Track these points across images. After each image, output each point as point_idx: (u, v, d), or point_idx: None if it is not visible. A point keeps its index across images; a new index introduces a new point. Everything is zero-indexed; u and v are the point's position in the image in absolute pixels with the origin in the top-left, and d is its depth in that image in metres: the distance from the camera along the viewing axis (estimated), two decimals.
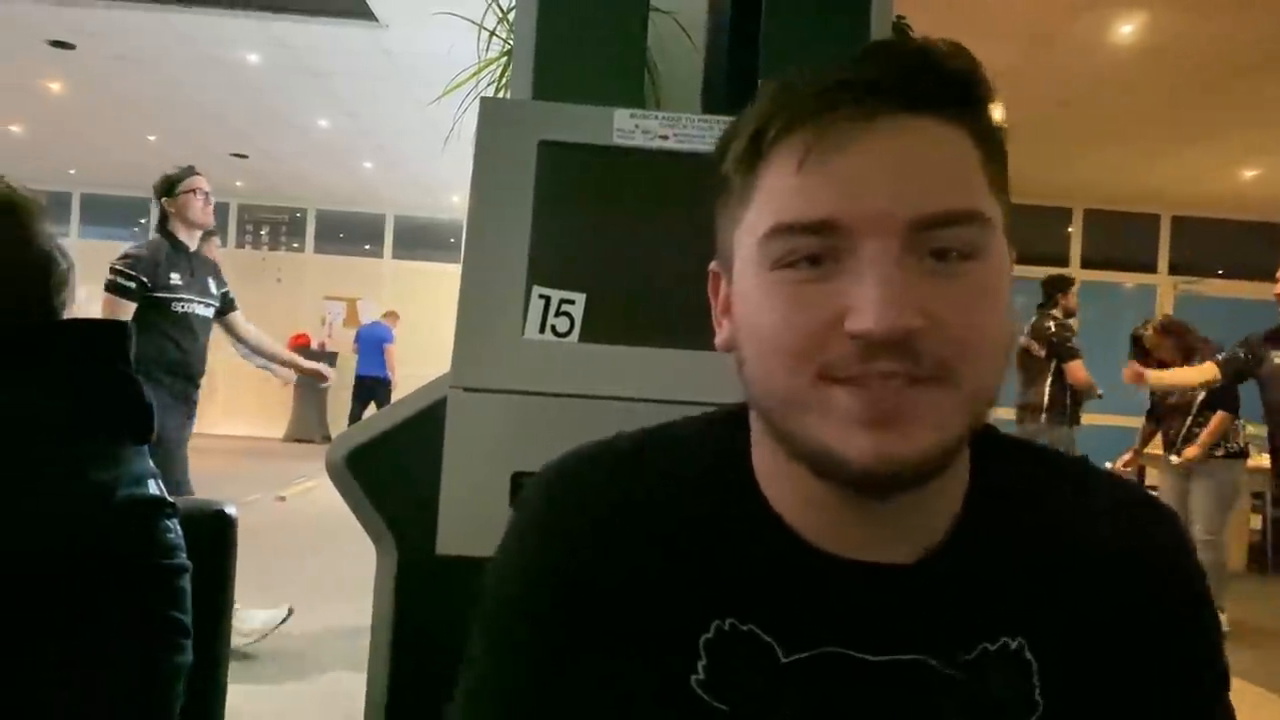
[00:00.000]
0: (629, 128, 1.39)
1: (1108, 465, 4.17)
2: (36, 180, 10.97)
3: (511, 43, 2.36)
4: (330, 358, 12.11)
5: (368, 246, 13.24)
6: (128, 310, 3.46)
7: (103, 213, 12.64)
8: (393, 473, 1.46)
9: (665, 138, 1.39)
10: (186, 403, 3.60)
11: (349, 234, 13.44)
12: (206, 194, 3.70)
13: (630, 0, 1.62)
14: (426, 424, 1.39)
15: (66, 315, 1.27)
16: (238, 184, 11.81)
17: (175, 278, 3.56)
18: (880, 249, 0.55)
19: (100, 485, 1.14)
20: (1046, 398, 5.06)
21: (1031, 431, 5.04)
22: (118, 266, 3.50)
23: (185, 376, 3.58)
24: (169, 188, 3.64)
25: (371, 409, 11.02)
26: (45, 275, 1.25)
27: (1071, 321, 5.20)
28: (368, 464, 1.48)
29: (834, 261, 0.56)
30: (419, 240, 12.98)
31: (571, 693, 0.63)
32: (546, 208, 1.34)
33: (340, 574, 3.58)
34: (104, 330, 1.28)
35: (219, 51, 6.70)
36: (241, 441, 11.44)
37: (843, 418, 0.55)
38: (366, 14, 5.79)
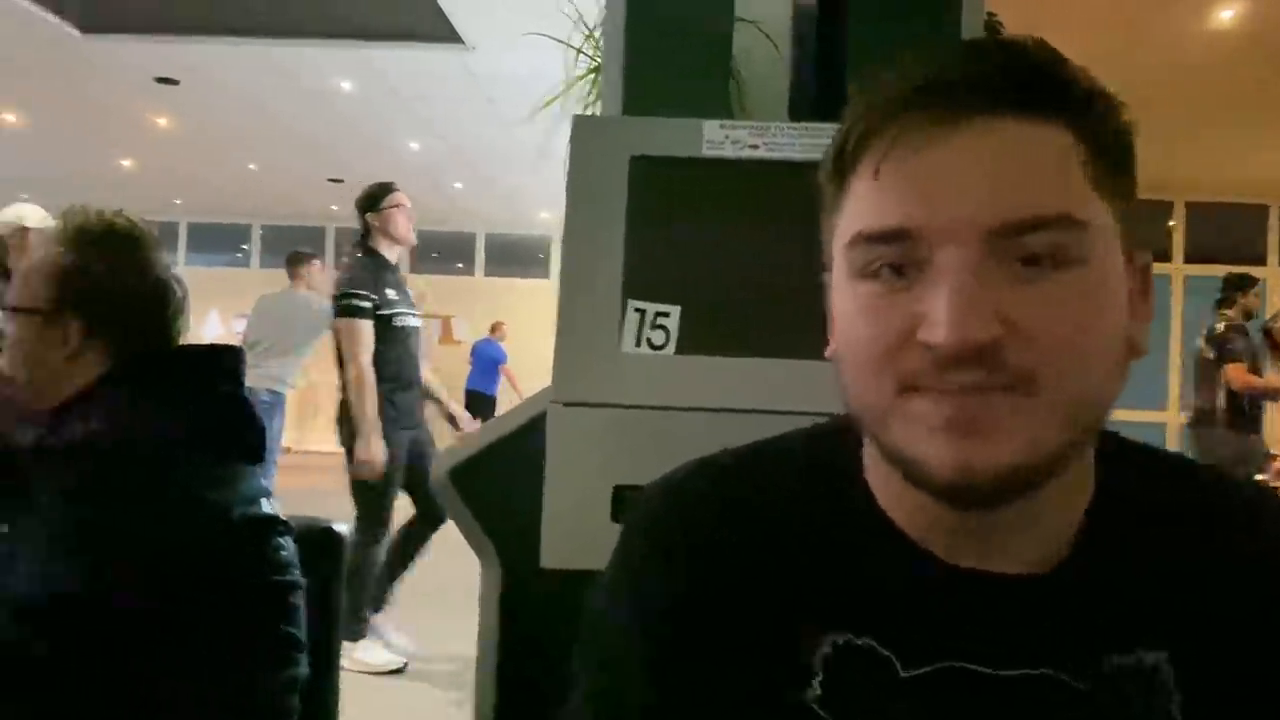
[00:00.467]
0: (719, 138, 1.39)
1: (1259, 478, 3.92)
2: (145, 211, 11.33)
3: (598, 59, 2.38)
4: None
5: (459, 264, 13.48)
6: (368, 330, 3.43)
7: (207, 240, 13.14)
8: (495, 487, 1.48)
9: (755, 147, 1.39)
10: (416, 413, 3.59)
11: (442, 253, 13.71)
12: (409, 209, 3.64)
13: (716, 11, 1.62)
14: (528, 439, 1.41)
15: (181, 341, 1.33)
16: (334, 208, 12.15)
17: (391, 293, 3.54)
18: (957, 257, 0.53)
19: (217, 505, 1.18)
20: (1222, 402, 4.77)
21: (1208, 438, 4.78)
22: (345, 290, 3.47)
23: (404, 388, 3.56)
24: (372, 202, 3.60)
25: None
26: (163, 304, 1.30)
27: (1250, 323, 4.92)
28: (471, 479, 1.49)
29: (916, 270, 0.55)
30: (510, 257, 13.17)
31: (683, 709, 0.63)
32: (639, 221, 1.35)
33: (442, 582, 3.63)
34: (217, 355, 1.32)
35: (314, 81, 6.91)
36: (339, 457, 11.72)
37: (924, 427, 0.55)
38: (453, 37, 5.91)
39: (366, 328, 3.44)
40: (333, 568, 1.46)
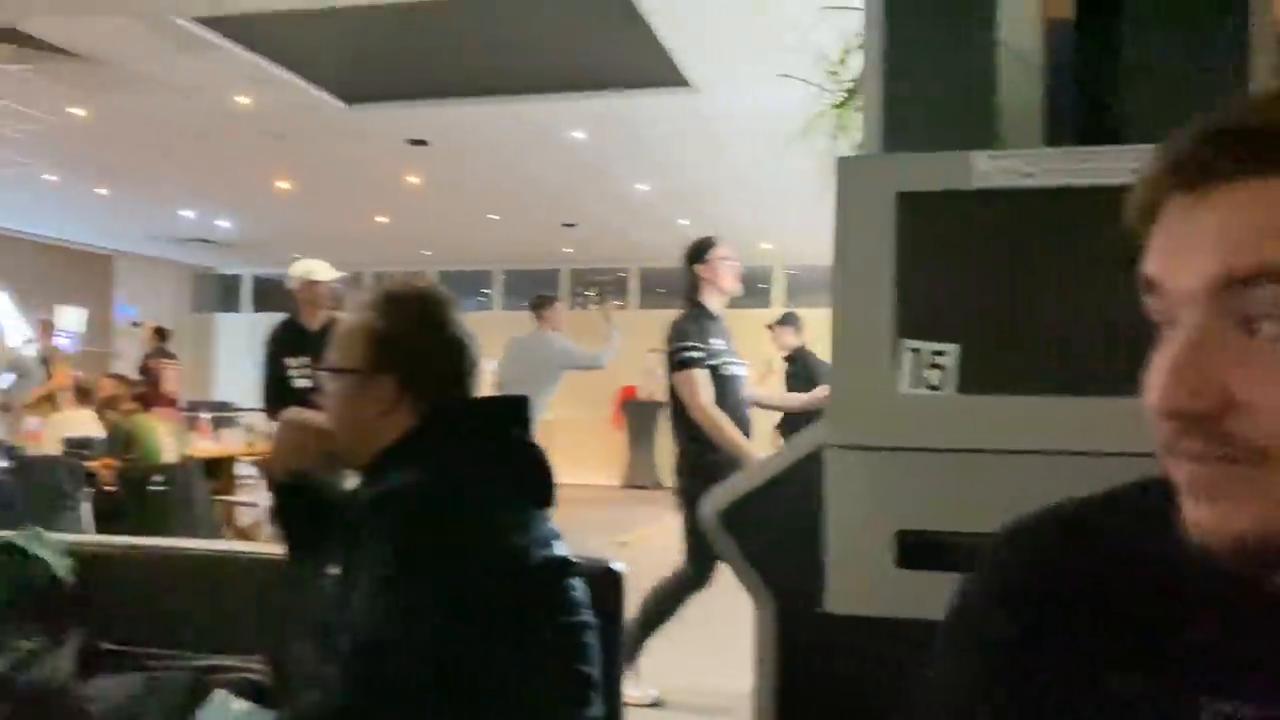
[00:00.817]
0: (989, 169, 1.35)
1: None
2: (398, 262, 12.35)
3: (841, 94, 2.38)
4: (657, 408, 12.60)
5: None
6: (705, 378, 3.57)
7: (453, 286, 13.79)
8: (767, 528, 1.48)
9: (1030, 175, 1.34)
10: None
11: (670, 289, 13.97)
12: (734, 260, 3.71)
13: (976, 39, 1.59)
14: (798, 479, 1.41)
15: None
16: (566, 250, 12.67)
17: (717, 343, 3.63)
18: (1187, 317, 0.52)
19: (518, 549, 1.25)
20: None
21: None
22: (677, 345, 3.61)
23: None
24: (699, 255, 3.69)
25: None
26: (462, 359, 1.40)
27: None
28: (742, 519, 1.51)
29: (1169, 328, 0.54)
30: None
31: None
32: (909, 259, 1.33)
33: (687, 618, 3.67)
34: (510, 404, 1.41)
35: (550, 132, 7.26)
36: (581, 490, 12.13)
37: (1179, 486, 0.55)
38: (680, 81, 6.05)
39: (703, 376, 3.56)
40: (614, 606, 1.52)
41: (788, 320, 6.42)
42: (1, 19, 5.32)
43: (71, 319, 12.02)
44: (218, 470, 7.89)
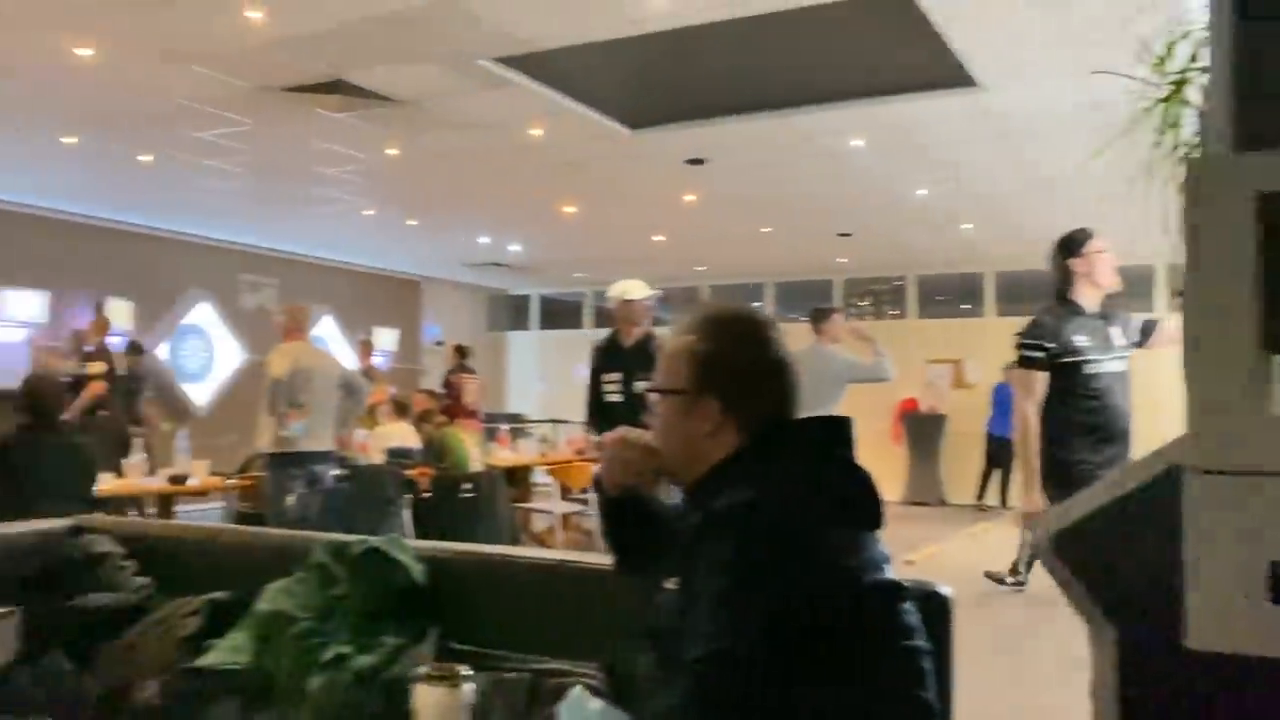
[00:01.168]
0: None
1: None
2: (673, 279, 12.65)
3: (1165, 89, 2.21)
4: (940, 421, 12.18)
5: (966, 306, 13.16)
6: (1036, 380, 3.48)
7: (727, 299, 14.16)
8: (1108, 553, 1.40)
9: None
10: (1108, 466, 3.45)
11: (948, 296, 13.49)
12: (1110, 253, 3.57)
13: None
14: (1147, 502, 1.32)
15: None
16: (840, 260, 12.51)
17: (1080, 339, 3.46)
18: None
19: (850, 571, 1.25)
20: None
21: None
22: (1019, 340, 3.54)
23: (1105, 439, 3.44)
24: (1073, 248, 3.56)
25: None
26: (782, 377, 1.42)
27: None
28: (1078, 542, 1.43)
29: None
30: (1022, 294, 12.60)
31: None
32: (1275, 266, 1.22)
33: (987, 639, 3.51)
34: (835, 424, 1.41)
35: (828, 142, 7.21)
36: None
37: None
38: (965, 81, 5.84)
39: (1035, 377, 3.46)
40: (941, 632, 1.48)
41: None
42: (329, 72, 5.95)
43: (386, 340, 13.25)
44: (515, 478, 8.43)
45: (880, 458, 11.68)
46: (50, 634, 2.17)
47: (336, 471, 6.07)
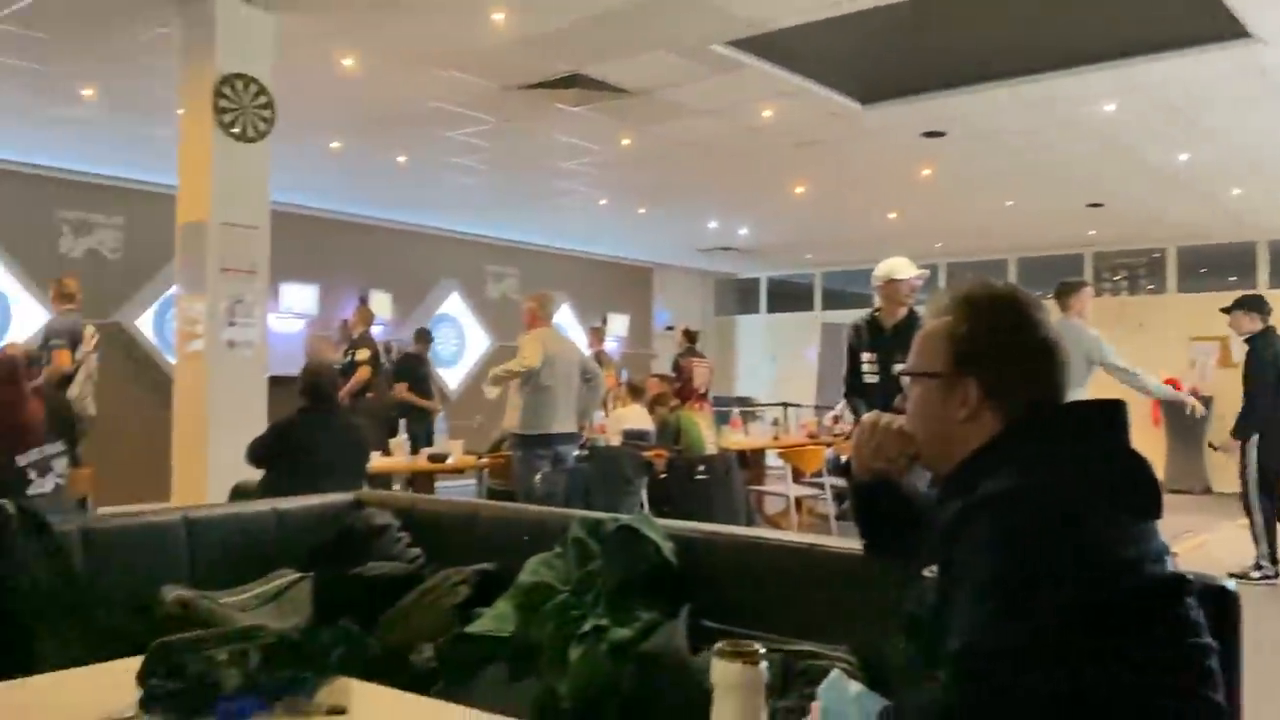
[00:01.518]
0: None
1: None
2: (912, 258, 12.28)
3: None
4: (1205, 402, 11.23)
5: (1233, 278, 12.05)
6: None
7: (961, 277, 13.59)
8: None
9: None
10: None
11: (1212, 268, 12.40)
12: None
13: None
14: None
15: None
16: (1091, 233, 11.75)
17: None
18: None
19: (1128, 562, 1.18)
20: None
21: None
22: None
23: None
24: None
25: None
26: (1050, 360, 1.36)
27: None
28: None
29: None
30: None
31: None
32: None
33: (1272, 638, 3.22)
34: (1102, 408, 1.34)
35: (1074, 109, 6.79)
36: None
37: None
38: (1238, 33, 5.33)
39: None
40: (1228, 632, 1.38)
41: (1247, 304, 6.35)
42: (568, 68, 6.17)
43: (618, 325, 13.64)
44: (748, 461, 8.47)
45: (1139, 442, 10.87)
46: (338, 600, 2.39)
47: (578, 452, 6.31)
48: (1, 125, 7.53)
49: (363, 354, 8.38)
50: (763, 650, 1.20)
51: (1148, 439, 11.00)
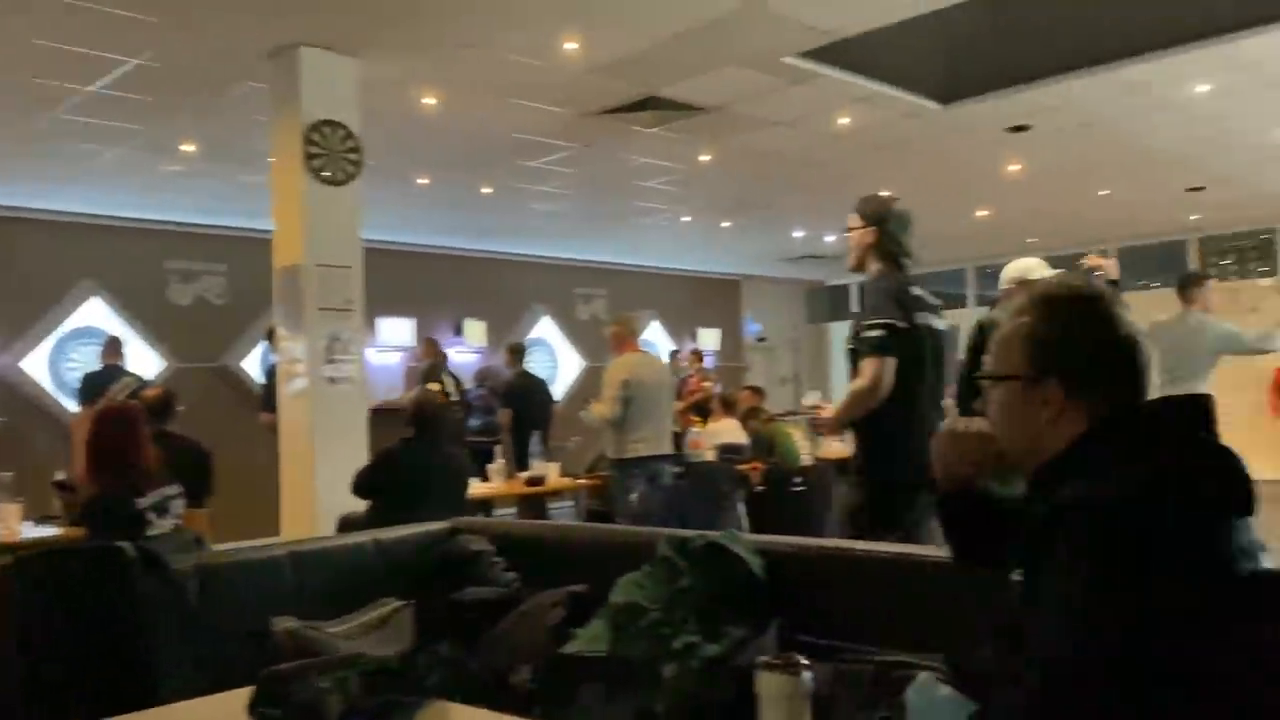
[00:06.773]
0: None
1: None
2: (1001, 253, 11.97)
3: None
4: None
5: None
6: None
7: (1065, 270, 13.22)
8: None
9: None
10: None
11: None
12: None
13: None
14: None
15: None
16: (1193, 218, 11.33)
17: None
18: None
19: (1221, 561, 1.15)
20: None
21: None
22: None
23: None
24: None
25: None
26: (1128, 357, 1.33)
27: None
28: None
29: None
30: None
31: None
32: None
33: None
34: (1191, 405, 1.30)
35: (1165, 92, 6.58)
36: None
37: None
38: None
39: None
40: None
41: None
42: (641, 91, 6.22)
43: (709, 339, 13.64)
44: (847, 470, 8.34)
45: (1255, 433, 10.45)
46: (439, 625, 2.45)
47: (674, 469, 6.32)
48: (111, 184, 7.95)
49: (433, 386, 8.55)
50: (806, 661, 1.21)
51: (1265, 430, 10.53)
